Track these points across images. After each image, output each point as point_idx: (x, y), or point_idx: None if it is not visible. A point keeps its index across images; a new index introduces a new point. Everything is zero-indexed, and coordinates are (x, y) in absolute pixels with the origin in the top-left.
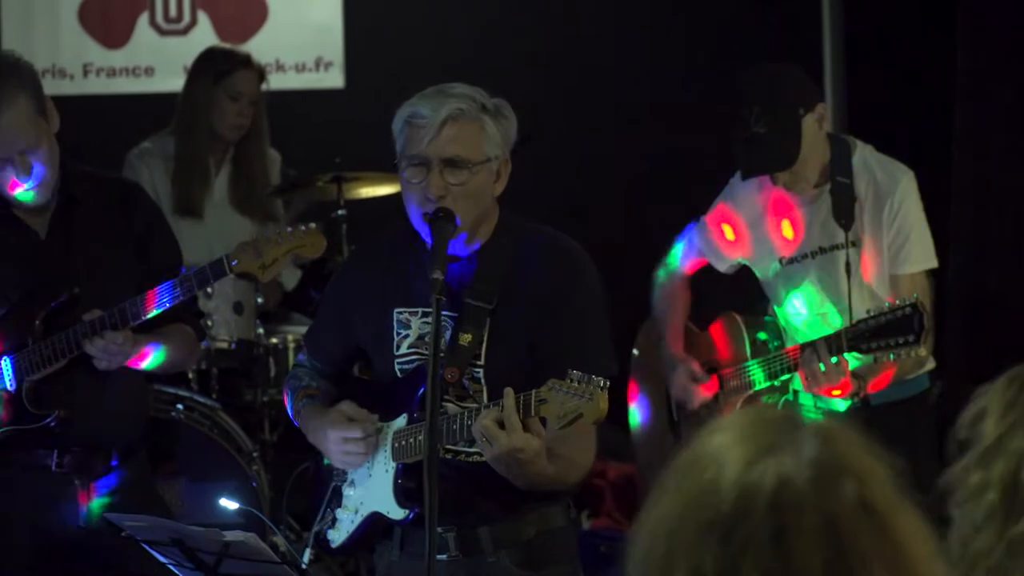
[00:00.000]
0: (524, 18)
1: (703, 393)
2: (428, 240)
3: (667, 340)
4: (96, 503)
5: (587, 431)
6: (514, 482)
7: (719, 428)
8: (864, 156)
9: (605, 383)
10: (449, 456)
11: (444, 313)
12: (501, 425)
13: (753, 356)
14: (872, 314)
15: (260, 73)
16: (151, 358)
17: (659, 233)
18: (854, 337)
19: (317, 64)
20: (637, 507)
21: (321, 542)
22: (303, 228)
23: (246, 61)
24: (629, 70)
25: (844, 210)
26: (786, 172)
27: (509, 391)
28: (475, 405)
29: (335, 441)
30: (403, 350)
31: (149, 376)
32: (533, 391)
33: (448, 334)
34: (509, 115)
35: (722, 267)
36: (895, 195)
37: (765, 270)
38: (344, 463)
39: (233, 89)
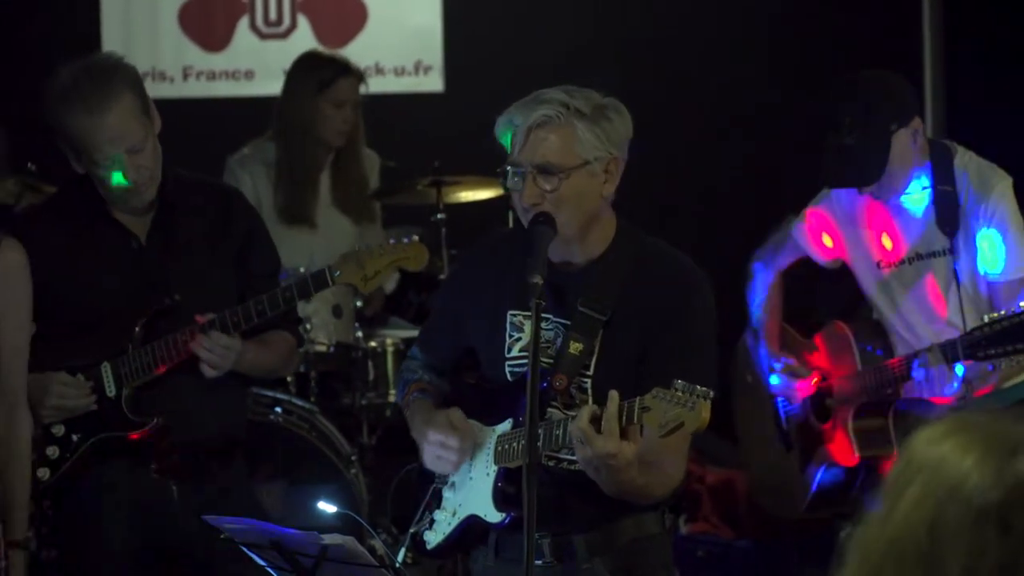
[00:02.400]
0: (622, 20)
1: (805, 391)
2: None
3: (765, 336)
4: (195, 507)
5: (681, 448)
6: (601, 487)
7: (940, 437)
8: (964, 161)
9: (708, 393)
10: (551, 463)
11: (558, 320)
12: (598, 428)
13: (864, 365)
14: (987, 321)
15: (360, 77)
16: (251, 364)
17: (748, 235)
18: (970, 344)
19: (416, 68)
20: (735, 512)
21: (418, 543)
22: (406, 240)
23: (346, 68)
24: (723, 72)
25: (948, 218)
26: (872, 185)
27: (614, 395)
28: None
29: (432, 443)
30: (514, 353)
31: (247, 380)
32: (637, 398)
33: (559, 341)
34: (615, 116)
35: (822, 264)
36: (989, 200)
37: (864, 275)
38: (434, 466)
39: (336, 97)
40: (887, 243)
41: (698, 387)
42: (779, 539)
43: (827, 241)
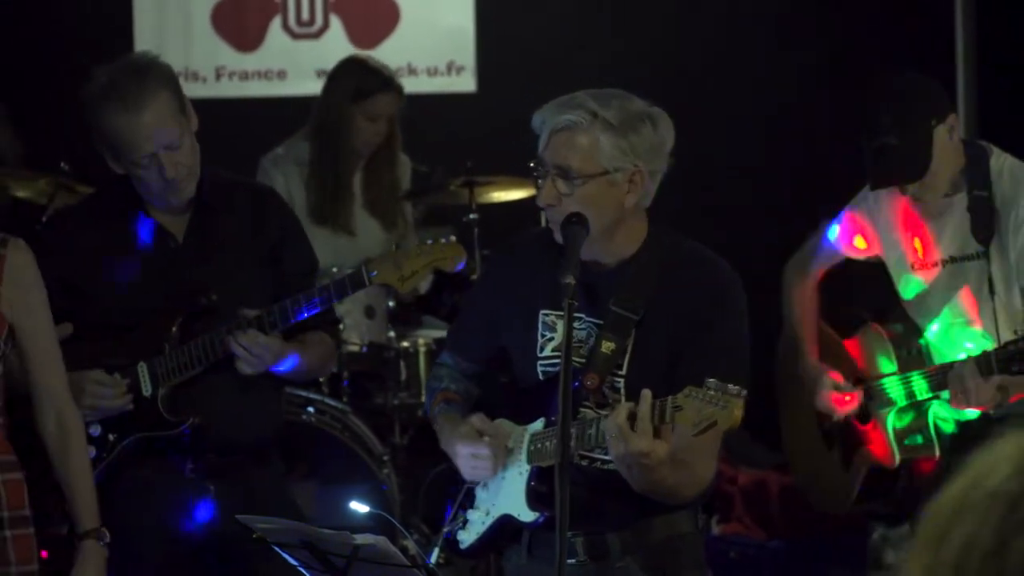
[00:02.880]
0: (657, 19)
1: (848, 405)
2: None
3: (804, 349)
4: (231, 507)
5: (712, 448)
6: (632, 485)
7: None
8: (1000, 163)
9: (741, 392)
10: (584, 463)
11: (590, 320)
12: (633, 426)
13: (903, 370)
14: (1021, 335)
15: (400, 92)
16: (288, 364)
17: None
18: (1004, 359)
19: (449, 68)
20: (767, 513)
21: (451, 543)
22: (443, 241)
23: (387, 83)
24: (754, 72)
25: (983, 223)
26: (915, 183)
27: (647, 394)
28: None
29: (464, 456)
30: (546, 352)
31: (283, 380)
32: (670, 397)
33: (591, 341)
34: (646, 127)
35: (857, 254)
36: (1020, 203)
37: (899, 278)
38: (473, 476)
39: (372, 111)
40: (919, 247)
41: (731, 386)
42: (811, 540)
43: (860, 243)
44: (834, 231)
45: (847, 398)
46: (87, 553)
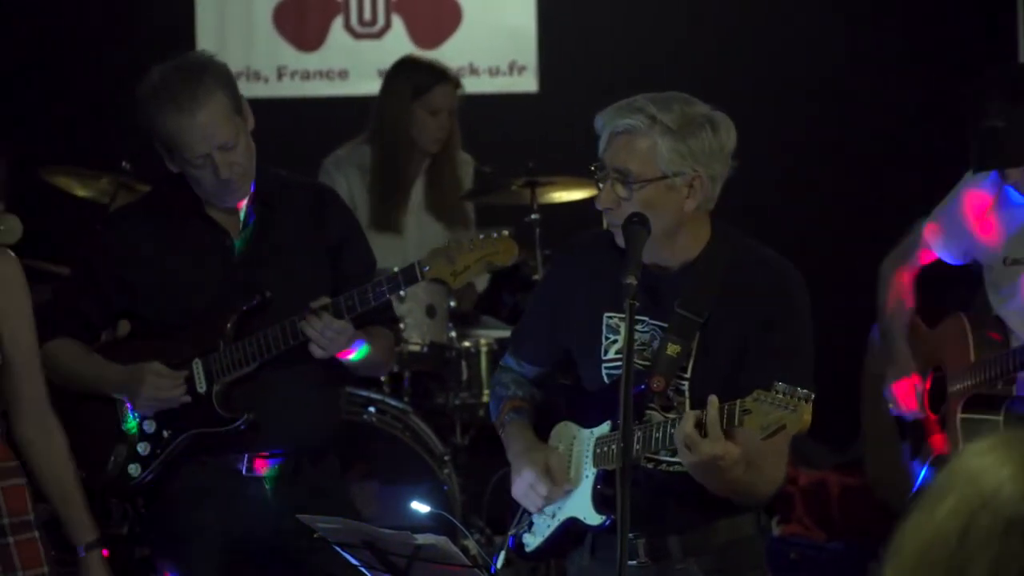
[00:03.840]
0: (720, 18)
1: (911, 401)
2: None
3: (892, 336)
4: (288, 505)
5: (783, 447)
6: (709, 488)
7: (985, 450)
8: None
9: (809, 395)
10: (650, 465)
11: (655, 322)
12: (702, 432)
13: (977, 359)
14: None
15: (456, 84)
16: (356, 353)
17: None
18: None
19: (511, 68)
20: (828, 514)
21: (516, 546)
22: (495, 235)
23: (443, 75)
24: (824, 67)
25: None
26: (1018, 169)
27: (713, 399)
28: (677, 416)
29: (525, 480)
30: (611, 355)
31: (342, 378)
32: (738, 401)
33: (656, 343)
34: (705, 132)
35: (951, 261)
36: None
37: (989, 267)
38: (521, 500)
39: (432, 105)
40: (990, 241)
41: (799, 389)
42: (871, 541)
43: (951, 242)
44: (928, 230)
45: (914, 392)
46: (93, 565)
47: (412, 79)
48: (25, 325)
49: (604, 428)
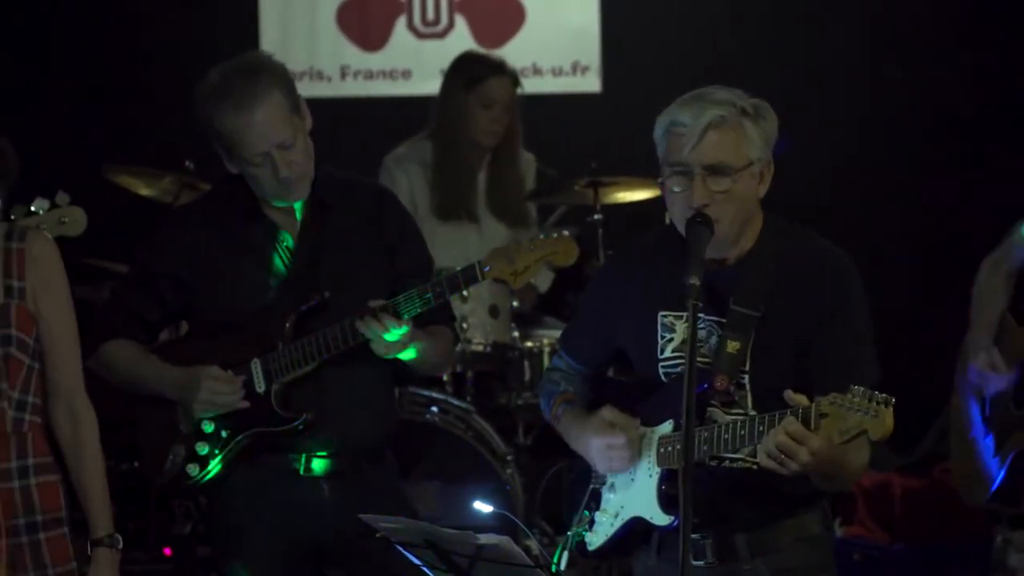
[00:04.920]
0: (782, 18)
1: (999, 382)
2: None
3: (978, 326)
4: (345, 505)
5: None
6: (825, 487)
7: None
8: None
9: (890, 400)
10: (713, 463)
11: (710, 319)
12: (792, 438)
13: None
14: None
15: (513, 79)
16: (410, 351)
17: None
18: None
19: (574, 68)
20: (891, 516)
21: (578, 545)
22: (555, 235)
23: (498, 67)
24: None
25: None
26: None
27: (789, 418)
28: (741, 412)
29: (598, 448)
30: (667, 354)
31: (400, 378)
32: (813, 404)
33: (714, 340)
34: (769, 116)
35: None
36: None
37: None
38: (608, 469)
39: (486, 97)
40: None
41: (878, 393)
42: (934, 543)
43: None
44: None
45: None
46: (101, 561)
47: (467, 72)
48: (58, 307)
49: (666, 427)
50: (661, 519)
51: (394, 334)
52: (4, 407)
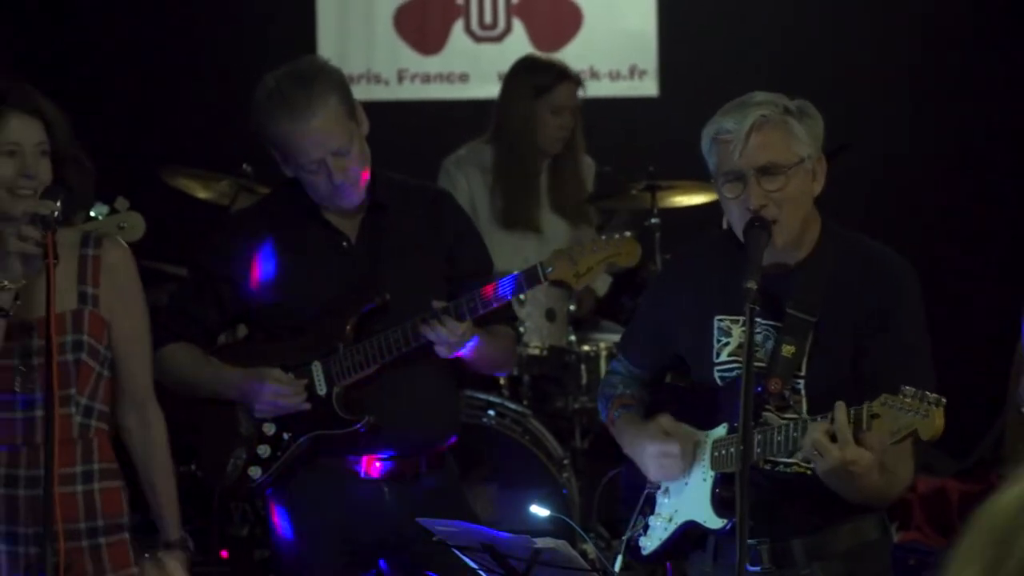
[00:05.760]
0: (839, 20)
1: None
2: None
3: None
4: (407, 507)
5: (910, 448)
6: (843, 495)
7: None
8: None
9: (940, 400)
10: (768, 467)
11: (766, 323)
12: (832, 438)
13: None
14: None
15: (579, 82)
16: (480, 353)
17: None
18: None
19: (631, 72)
20: (947, 521)
21: (632, 549)
22: (618, 237)
23: (565, 73)
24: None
25: None
26: None
27: (841, 405)
28: (795, 416)
29: (652, 455)
30: (723, 358)
31: (461, 380)
32: (865, 405)
33: (770, 344)
34: (814, 114)
35: None
36: None
37: None
38: (660, 477)
39: (555, 103)
40: None
41: (929, 393)
42: None
43: None
44: None
45: None
46: (172, 564)
47: (534, 78)
48: (132, 314)
49: (720, 431)
50: (715, 522)
51: (456, 336)
52: (71, 412)
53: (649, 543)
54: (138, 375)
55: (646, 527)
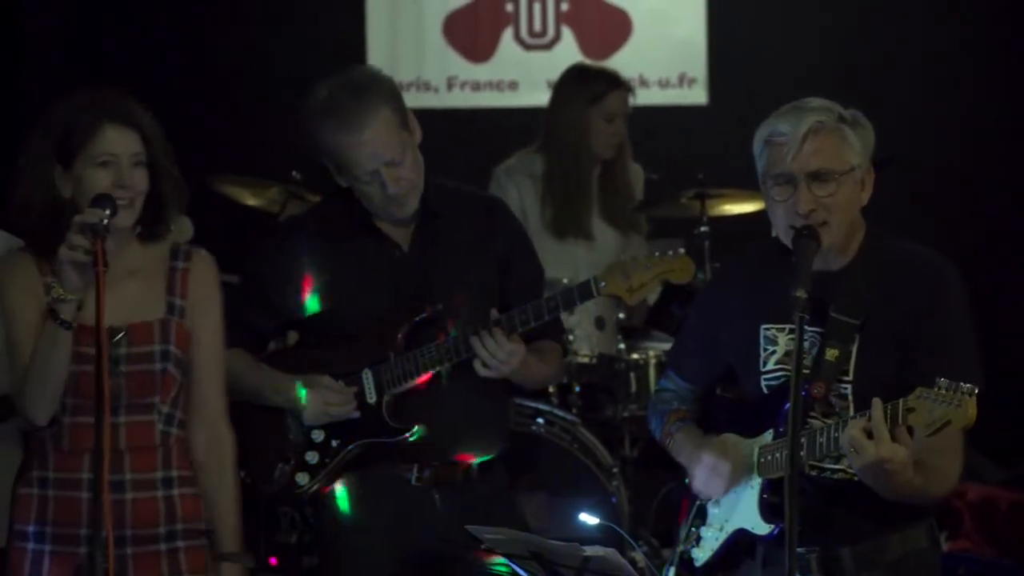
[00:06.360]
0: (891, 31)
1: None
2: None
3: None
4: (457, 515)
5: (955, 444)
6: (880, 492)
7: None
8: None
9: (973, 389)
10: (814, 473)
11: (811, 329)
12: (869, 435)
13: None
14: None
15: (630, 90)
16: (525, 374)
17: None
18: None
19: (680, 80)
20: (997, 530)
21: (685, 561)
22: (672, 253)
23: (617, 81)
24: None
25: None
26: None
27: (877, 401)
28: (838, 421)
29: (704, 466)
30: (770, 366)
31: (511, 390)
32: (900, 400)
33: (815, 349)
34: (866, 124)
35: None
36: None
37: None
38: (702, 488)
39: (607, 111)
40: None
41: (962, 384)
42: None
43: None
44: None
45: None
46: (229, 574)
47: (587, 86)
48: (212, 328)
49: (766, 437)
50: (762, 528)
51: (502, 352)
52: (154, 420)
53: (702, 554)
54: (211, 388)
55: (698, 538)
